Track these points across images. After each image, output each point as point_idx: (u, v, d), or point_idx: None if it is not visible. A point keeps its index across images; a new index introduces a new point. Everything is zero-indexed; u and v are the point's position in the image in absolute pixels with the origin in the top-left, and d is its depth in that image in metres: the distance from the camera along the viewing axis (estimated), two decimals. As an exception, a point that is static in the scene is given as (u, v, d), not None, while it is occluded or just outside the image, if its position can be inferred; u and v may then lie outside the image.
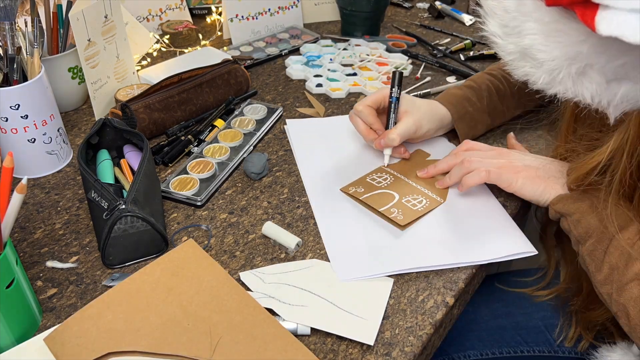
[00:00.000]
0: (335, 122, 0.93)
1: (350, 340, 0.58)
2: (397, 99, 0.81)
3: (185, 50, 1.17)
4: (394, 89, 0.81)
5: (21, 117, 0.75)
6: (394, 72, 0.81)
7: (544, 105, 0.85)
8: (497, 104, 0.88)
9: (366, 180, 0.78)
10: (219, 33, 1.26)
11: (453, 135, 0.88)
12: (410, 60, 1.14)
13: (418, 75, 1.10)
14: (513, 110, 0.91)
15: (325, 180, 0.79)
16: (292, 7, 1.27)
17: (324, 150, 0.85)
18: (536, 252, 0.67)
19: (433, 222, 0.72)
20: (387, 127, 0.81)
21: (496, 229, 0.71)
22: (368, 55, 1.15)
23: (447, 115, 0.84)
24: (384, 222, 0.71)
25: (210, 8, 1.32)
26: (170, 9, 1.25)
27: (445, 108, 0.84)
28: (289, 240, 0.68)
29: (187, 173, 0.79)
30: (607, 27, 0.41)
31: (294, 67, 1.11)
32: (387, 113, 0.81)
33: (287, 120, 0.92)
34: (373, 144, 0.81)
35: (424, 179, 0.78)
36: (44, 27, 0.88)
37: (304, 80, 1.08)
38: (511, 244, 0.68)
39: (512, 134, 0.85)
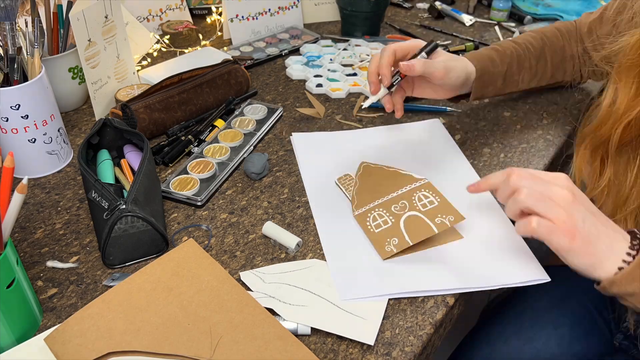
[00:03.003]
0: (340, 137, 0.90)
1: (351, 340, 0.58)
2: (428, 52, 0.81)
3: (186, 51, 1.17)
4: (421, 53, 0.80)
5: (22, 117, 0.75)
6: (431, 41, 0.81)
7: (555, 87, 0.83)
8: (515, 71, 0.89)
9: (376, 233, 0.68)
10: (219, 33, 1.26)
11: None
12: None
13: (418, 75, 1.10)
14: (527, 83, 0.92)
15: (330, 198, 0.77)
16: (292, 7, 1.27)
17: (329, 165, 0.83)
18: (549, 279, 0.63)
19: (442, 248, 0.68)
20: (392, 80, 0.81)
21: (508, 253, 0.67)
22: (368, 55, 1.15)
23: (473, 71, 0.85)
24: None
25: (210, 8, 1.32)
26: (170, 9, 1.25)
27: (472, 65, 0.85)
28: (289, 240, 0.68)
29: (187, 173, 0.79)
30: None
31: (294, 67, 1.11)
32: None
33: (294, 134, 0.91)
34: (371, 85, 0.81)
35: (390, 183, 0.73)
36: (45, 27, 0.88)
37: (304, 81, 1.08)
38: (524, 270, 0.65)
39: None
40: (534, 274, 0.64)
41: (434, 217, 0.67)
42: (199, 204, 0.75)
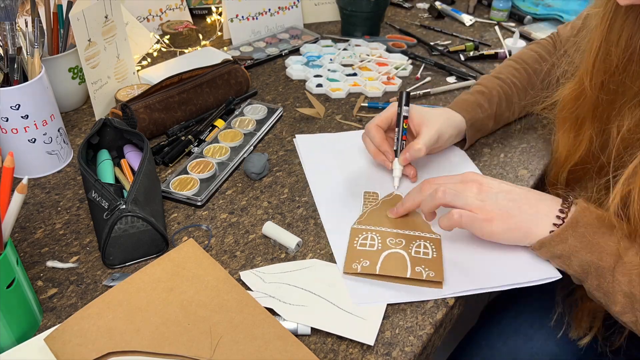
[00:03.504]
0: (344, 138, 0.90)
1: (351, 340, 0.58)
2: (405, 117, 0.79)
3: (186, 51, 1.17)
4: (402, 108, 0.79)
5: (21, 117, 0.75)
6: (400, 93, 0.80)
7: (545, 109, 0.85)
8: (505, 109, 0.88)
9: (357, 249, 0.67)
10: (219, 33, 1.26)
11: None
12: (410, 61, 1.14)
13: (418, 75, 1.10)
14: (518, 114, 0.92)
15: (337, 199, 0.76)
16: (292, 7, 1.27)
17: (334, 167, 0.83)
18: (560, 276, 0.63)
19: (451, 248, 0.68)
20: (395, 148, 0.79)
21: (519, 253, 0.66)
22: (368, 55, 1.15)
23: (462, 122, 0.83)
24: None
25: (210, 8, 1.32)
26: (170, 9, 1.25)
27: (459, 115, 0.83)
28: (289, 240, 0.68)
29: (187, 173, 0.79)
30: None
31: (294, 67, 1.11)
32: (395, 133, 0.79)
33: (297, 136, 0.90)
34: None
35: (405, 221, 0.72)
36: (45, 27, 0.88)
37: (304, 81, 1.08)
38: (535, 269, 0.64)
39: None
40: (545, 272, 0.64)
41: (416, 264, 0.64)
42: (199, 204, 0.75)
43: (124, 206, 0.64)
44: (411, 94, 0.87)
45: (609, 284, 0.58)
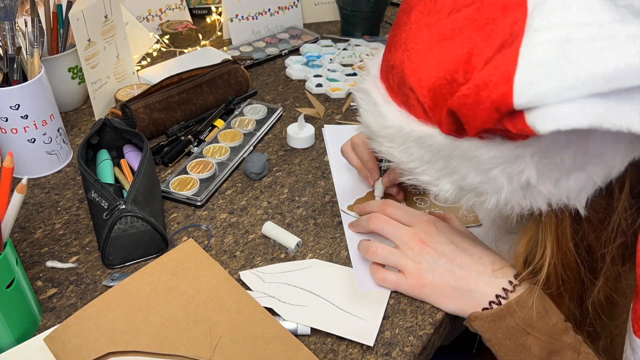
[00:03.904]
0: None
1: (350, 341, 0.58)
2: None
3: (185, 50, 1.17)
4: None
5: (21, 117, 0.75)
6: None
7: None
8: None
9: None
10: (219, 33, 1.26)
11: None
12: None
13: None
14: None
15: (356, 188, 0.78)
16: (292, 7, 1.27)
17: None
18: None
19: None
20: (381, 167, 0.74)
21: None
22: (368, 55, 1.15)
23: None
24: None
25: (210, 8, 1.31)
26: (170, 9, 1.25)
27: None
28: (289, 240, 0.68)
29: (187, 173, 0.79)
30: (544, 125, 0.37)
31: (294, 67, 1.11)
32: None
33: (325, 126, 0.92)
34: (366, 180, 0.76)
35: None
36: (44, 27, 0.88)
37: (304, 81, 1.08)
38: None
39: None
40: None
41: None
42: (199, 204, 0.75)
43: (123, 206, 0.64)
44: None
45: None
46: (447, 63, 0.44)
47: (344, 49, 1.18)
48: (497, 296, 0.56)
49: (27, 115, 0.75)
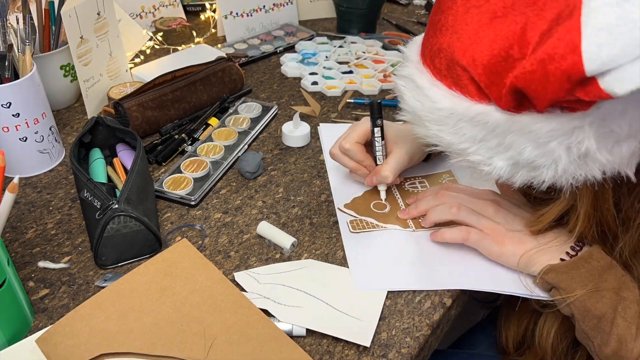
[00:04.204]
0: None
1: (347, 342, 0.57)
2: (382, 129, 0.72)
3: (179, 48, 1.16)
4: (377, 122, 0.71)
5: (12, 115, 0.74)
6: (371, 103, 0.71)
7: None
8: None
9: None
10: (213, 30, 1.25)
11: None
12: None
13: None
14: None
15: (353, 187, 0.78)
16: (287, 4, 1.26)
17: None
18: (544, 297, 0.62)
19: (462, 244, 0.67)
20: (376, 162, 0.73)
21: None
22: (364, 52, 1.15)
23: None
24: (410, 237, 0.69)
25: (204, 5, 1.31)
26: (163, 6, 1.24)
27: None
28: (284, 240, 0.68)
29: (180, 172, 0.79)
30: (622, 86, 0.39)
31: (289, 65, 1.10)
32: (372, 148, 0.73)
33: (321, 124, 0.91)
34: (364, 181, 0.75)
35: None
36: (36, 24, 0.87)
37: (299, 78, 1.07)
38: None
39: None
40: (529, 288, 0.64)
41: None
42: (193, 203, 0.74)
43: (116, 206, 0.63)
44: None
45: (608, 325, 0.55)
46: (500, 40, 0.45)
47: (340, 47, 1.17)
48: (572, 247, 0.60)
49: (18, 114, 0.74)
